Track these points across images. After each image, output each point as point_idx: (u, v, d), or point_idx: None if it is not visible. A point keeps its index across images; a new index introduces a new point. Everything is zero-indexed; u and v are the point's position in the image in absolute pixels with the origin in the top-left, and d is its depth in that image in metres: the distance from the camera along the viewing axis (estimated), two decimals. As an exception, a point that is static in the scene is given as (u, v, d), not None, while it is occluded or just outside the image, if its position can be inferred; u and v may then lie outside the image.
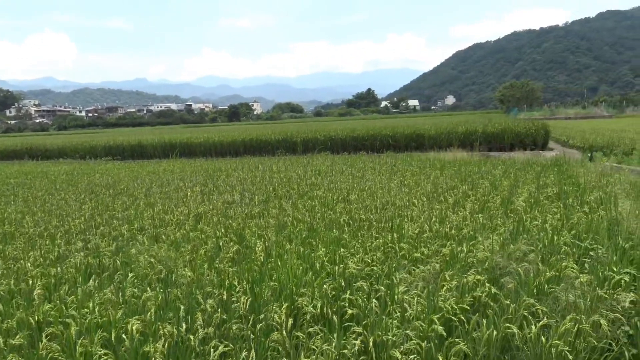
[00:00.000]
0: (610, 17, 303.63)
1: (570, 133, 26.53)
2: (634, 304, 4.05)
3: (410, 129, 24.89)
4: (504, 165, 13.41)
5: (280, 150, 26.00)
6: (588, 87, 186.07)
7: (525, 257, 4.94)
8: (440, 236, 6.04)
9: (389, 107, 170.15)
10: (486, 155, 19.50)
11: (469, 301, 3.99)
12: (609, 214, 6.37)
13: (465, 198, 8.62)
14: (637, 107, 74.29)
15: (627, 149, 17.99)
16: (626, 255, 4.92)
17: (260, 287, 4.53)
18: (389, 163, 16.58)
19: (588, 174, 10.45)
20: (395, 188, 10.51)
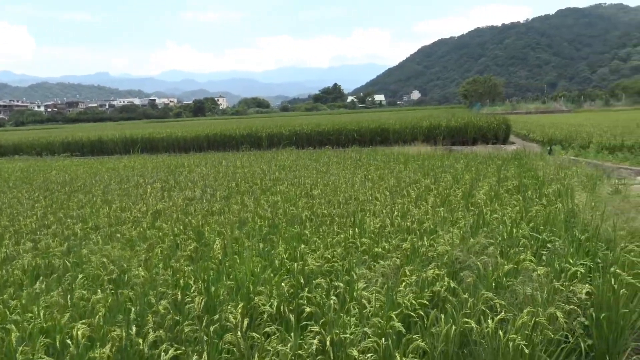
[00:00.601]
0: (569, 14, 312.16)
1: (530, 127, 27.11)
2: (589, 295, 4.09)
3: (375, 124, 24.99)
4: (466, 159, 13.56)
5: (245, 145, 25.72)
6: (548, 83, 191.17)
7: (484, 251, 4.94)
8: (402, 230, 6.01)
9: (355, 102, 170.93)
10: (449, 149, 19.73)
11: (428, 296, 3.95)
12: (566, 207, 6.46)
13: (427, 192, 8.64)
14: (594, 102, 76.71)
15: (584, 143, 18.48)
16: (582, 247, 4.98)
17: (216, 286, 4.38)
18: (353, 157, 16.56)
19: (547, 167, 10.65)
20: (359, 182, 10.47)
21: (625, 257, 4.60)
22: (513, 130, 26.19)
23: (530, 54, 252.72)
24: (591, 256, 4.85)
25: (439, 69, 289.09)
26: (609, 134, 19.77)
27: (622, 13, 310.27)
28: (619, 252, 4.73)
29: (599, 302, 3.96)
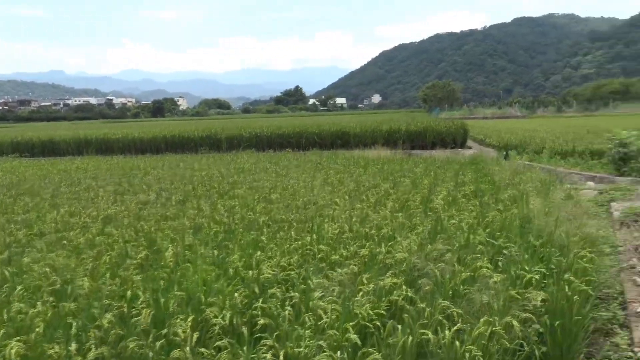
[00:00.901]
0: (524, 23, 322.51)
1: (487, 132, 27.74)
2: (544, 301, 4.10)
3: (336, 127, 25.04)
4: (425, 164, 13.68)
5: (204, 147, 25.26)
6: (504, 89, 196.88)
7: (442, 257, 4.92)
8: (360, 236, 5.94)
9: (317, 104, 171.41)
10: (409, 153, 19.93)
11: (385, 306, 3.87)
12: (521, 212, 6.54)
13: (386, 196, 8.63)
14: (547, 108, 79.46)
15: (537, 148, 18.98)
16: (537, 253, 5.02)
17: (166, 297, 4.18)
18: (314, 161, 16.49)
19: (502, 172, 10.84)
20: (319, 186, 10.39)
21: (578, 263, 4.66)
22: (470, 135, 26.72)
23: (488, 60, 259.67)
24: (545, 262, 4.90)
25: (399, 73, 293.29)
26: (561, 140, 20.39)
27: (574, 23, 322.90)
28: (572, 258, 4.79)
29: (553, 309, 3.97)
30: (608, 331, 4.79)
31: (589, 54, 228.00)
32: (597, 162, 15.48)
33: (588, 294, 4.30)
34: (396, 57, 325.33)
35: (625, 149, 13.16)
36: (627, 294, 5.72)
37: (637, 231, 8.35)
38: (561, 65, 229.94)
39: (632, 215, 9.17)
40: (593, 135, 21.62)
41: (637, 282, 6.08)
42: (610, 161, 13.83)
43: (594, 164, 15.59)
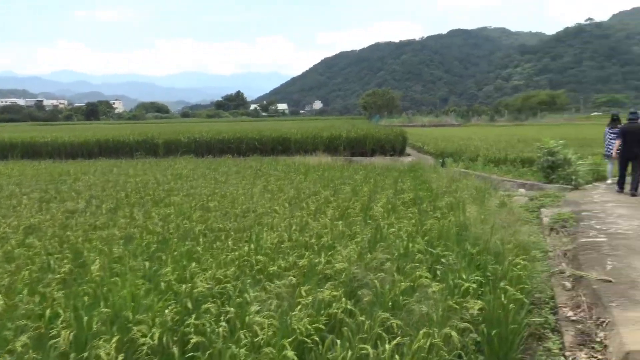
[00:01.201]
0: (459, 35, 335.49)
1: (425, 140, 28.45)
2: (481, 310, 4.12)
3: (277, 133, 24.86)
4: (365, 171, 13.76)
5: (140, 152, 24.37)
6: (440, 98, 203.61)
7: (382, 267, 4.87)
8: (300, 246, 5.80)
9: (258, 110, 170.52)
10: (349, 160, 20.05)
11: (324, 319, 3.75)
12: (458, 220, 6.63)
13: (326, 204, 8.55)
14: (480, 117, 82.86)
15: (472, 156, 19.60)
16: (473, 261, 5.07)
17: (90, 315, 3.87)
18: (254, 167, 16.25)
19: (440, 180, 11.05)
20: (258, 194, 10.19)
21: (513, 271, 4.74)
22: (409, 142, 27.26)
23: (425, 70, 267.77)
24: (482, 270, 4.95)
25: (340, 81, 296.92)
26: (494, 148, 21.16)
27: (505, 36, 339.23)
28: (507, 265, 4.86)
29: (490, 317, 4.00)
30: (541, 336, 4.90)
31: (518, 66, 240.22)
32: (528, 170, 16.13)
33: (523, 302, 4.37)
34: (337, 65, 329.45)
35: (553, 157, 13.77)
36: (557, 298, 5.90)
37: (565, 236, 8.71)
38: (493, 77, 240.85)
39: (560, 221, 9.57)
40: (523, 144, 22.60)
41: (566, 287, 6.30)
42: (540, 169, 14.43)
43: (524, 171, 16.24)
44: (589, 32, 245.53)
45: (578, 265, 6.89)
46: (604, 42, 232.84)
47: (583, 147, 20.39)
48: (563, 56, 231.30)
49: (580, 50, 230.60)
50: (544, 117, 78.61)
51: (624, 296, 5.49)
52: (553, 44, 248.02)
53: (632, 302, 5.30)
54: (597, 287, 5.85)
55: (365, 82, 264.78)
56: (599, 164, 15.38)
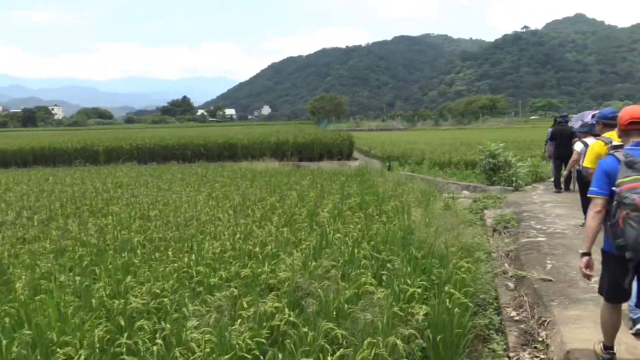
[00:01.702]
0: (403, 41, 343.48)
1: (372, 144, 28.74)
2: (426, 315, 4.07)
3: (223, 138, 24.45)
4: (312, 176, 13.67)
5: (79, 160, 23.34)
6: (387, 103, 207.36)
7: (327, 274, 4.76)
8: (243, 255, 5.61)
9: (205, 115, 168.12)
10: (297, 165, 19.95)
11: (266, 332, 3.59)
12: (403, 224, 6.62)
13: (272, 210, 8.38)
14: (425, 121, 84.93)
15: (418, 159, 19.92)
16: (419, 265, 5.04)
17: (10, 338, 3.54)
18: (199, 173, 15.87)
19: (386, 184, 11.09)
20: (203, 201, 9.89)
21: (457, 274, 4.74)
22: (356, 146, 27.46)
23: (371, 75, 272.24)
24: (427, 274, 4.92)
25: (288, 86, 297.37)
26: (439, 151, 21.60)
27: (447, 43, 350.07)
28: (452, 269, 4.86)
29: (435, 322, 3.95)
30: (486, 337, 4.92)
31: (461, 72, 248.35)
32: (471, 172, 16.52)
33: (467, 305, 4.37)
34: (285, 70, 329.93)
35: (494, 159, 14.14)
36: (501, 299, 5.99)
37: (507, 237, 8.92)
38: (437, 82, 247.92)
39: (502, 222, 9.81)
40: (466, 147, 23.18)
41: (509, 287, 6.41)
42: (482, 171, 14.79)
43: (468, 173, 16.62)
44: (525, 39, 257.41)
45: (520, 265, 7.05)
46: (539, 49, 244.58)
47: (522, 150, 21.15)
48: (502, 62, 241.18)
49: (517, 57, 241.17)
50: (486, 121, 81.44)
51: (563, 295, 5.63)
52: (492, 51, 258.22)
53: (571, 301, 5.43)
54: (538, 286, 5.98)
55: (313, 87, 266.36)
56: (538, 166, 15.95)
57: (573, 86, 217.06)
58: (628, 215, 3.36)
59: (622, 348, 4.17)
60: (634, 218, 3.34)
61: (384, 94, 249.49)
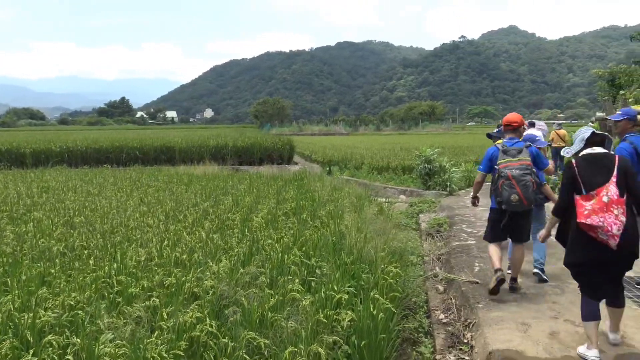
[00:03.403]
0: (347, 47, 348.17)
1: (313, 148, 28.76)
2: (352, 321, 4.05)
3: (160, 141, 23.77)
4: (250, 180, 13.50)
5: (3, 163, 22.01)
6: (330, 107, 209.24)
7: (255, 281, 4.66)
8: (170, 263, 5.41)
9: (145, 117, 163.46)
10: (237, 169, 19.68)
11: (184, 344, 3.44)
12: (335, 229, 6.61)
13: (205, 216, 8.18)
14: (367, 126, 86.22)
15: (358, 164, 20.10)
16: (348, 270, 5.02)
17: None
18: (133, 178, 15.30)
19: (323, 189, 11.09)
20: (133, 207, 9.52)
21: (384, 279, 4.75)
22: (298, 151, 27.44)
23: (315, 80, 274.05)
24: (356, 279, 4.92)
25: (231, 89, 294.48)
26: (378, 156, 21.89)
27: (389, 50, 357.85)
28: (379, 274, 4.88)
29: (360, 328, 3.93)
30: (415, 340, 4.96)
31: (402, 79, 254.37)
32: (409, 177, 16.84)
33: (394, 309, 4.38)
34: (228, 73, 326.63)
35: (429, 165, 14.48)
36: (431, 302, 6.08)
37: (439, 241, 9.11)
38: (379, 88, 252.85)
39: (435, 226, 10.02)
40: (405, 152, 23.62)
41: (439, 290, 6.52)
42: (418, 176, 15.11)
43: (405, 178, 16.92)
44: (463, 48, 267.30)
45: (450, 268, 7.19)
46: (475, 59, 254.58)
47: (458, 155, 21.80)
48: (441, 70, 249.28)
49: (455, 65, 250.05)
50: (425, 126, 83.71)
51: (488, 296, 5.77)
52: (432, 59, 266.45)
53: (496, 302, 5.58)
54: (465, 289, 6.11)
55: (256, 90, 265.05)
56: (471, 171, 16.46)
57: (507, 94, 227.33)
58: (504, 183, 5.37)
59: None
60: (506, 184, 5.35)
61: (328, 99, 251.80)
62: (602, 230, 3.97)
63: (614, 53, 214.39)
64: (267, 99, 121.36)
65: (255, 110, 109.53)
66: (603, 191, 4.05)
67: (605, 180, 4.11)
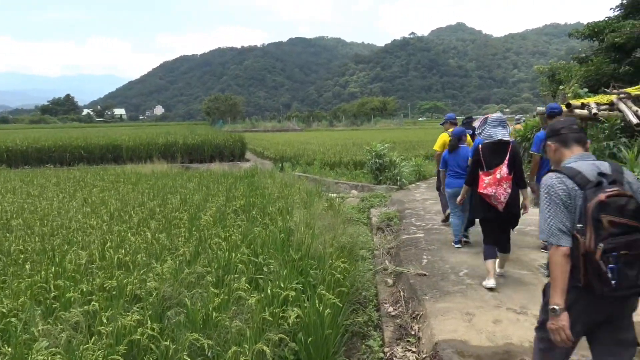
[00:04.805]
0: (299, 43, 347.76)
1: (266, 145, 28.55)
2: (299, 318, 4.03)
3: (107, 140, 23.02)
4: (200, 178, 13.26)
5: None
6: (283, 103, 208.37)
7: (200, 281, 4.57)
8: (112, 265, 5.23)
9: (92, 115, 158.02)
10: (187, 167, 19.31)
11: (123, 349, 3.33)
12: (284, 225, 6.57)
13: (152, 215, 7.96)
14: (321, 122, 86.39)
15: (310, 160, 20.10)
16: (296, 267, 5.00)
17: None
18: (77, 177, 14.75)
19: (274, 185, 11.02)
20: (76, 208, 9.16)
21: (332, 274, 4.76)
22: (250, 147, 27.18)
23: (267, 76, 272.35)
24: (304, 276, 4.90)
25: (182, 85, 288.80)
26: (331, 152, 21.97)
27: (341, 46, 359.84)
28: (327, 269, 4.88)
29: (307, 324, 3.92)
30: (365, 334, 4.99)
31: (354, 75, 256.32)
32: (360, 172, 16.97)
33: (342, 303, 4.39)
34: (178, 69, 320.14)
35: (380, 159, 14.64)
36: (380, 295, 6.14)
37: (389, 234, 9.23)
38: (332, 84, 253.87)
39: (386, 220, 10.14)
40: (357, 147, 23.79)
41: (388, 283, 6.59)
42: (370, 171, 15.26)
43: (357, 173, 17.05)
44: (413, 45, 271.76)
45: (399, 261, 7.29)
46: (425, 55, 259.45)
47: (408, 150, 22.17)
48: (392, 66, 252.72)
49: (406, 61, 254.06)
50: (377, 122, 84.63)
51: (435, 288, 5.89)
52: (383, 55, 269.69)
53: (442, 293, 5.70)
54: (413, 281, 6.21)
55: (208, 87, 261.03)
56: (421, 165, 16.76)
57: (456, 90, 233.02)
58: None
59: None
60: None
61: (281, 95, 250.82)
62: (494, 198, 5.55)
63: (555, 50, 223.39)
64: (219, 95, 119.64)
65: (206, 107, 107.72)
66: (498, 170, 5.58)
67: (500, 162, 5.63)
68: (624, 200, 2.51)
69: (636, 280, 2.46)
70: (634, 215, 2.49)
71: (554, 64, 24.04)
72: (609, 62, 18.99)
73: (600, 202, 2.51)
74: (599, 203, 2.51)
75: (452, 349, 4.35)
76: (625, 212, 2.49)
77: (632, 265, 2.46)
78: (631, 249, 2.45)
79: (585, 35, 20.84)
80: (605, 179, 2.62)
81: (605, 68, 18.57)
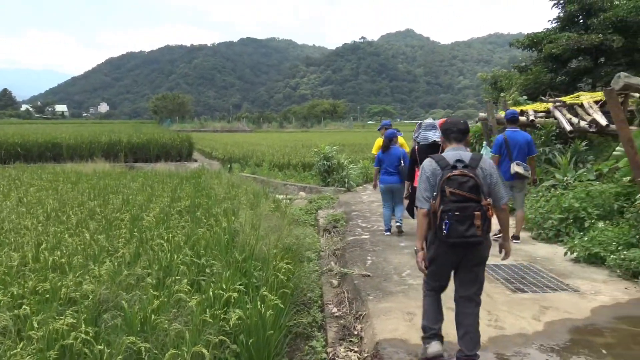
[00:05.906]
0: (250, 43, 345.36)
1: (214, 145, 28.17)
2: (240, 319, 4.00)
3: (46, 137, 22.06)
4: (144, 178, 12.93)
5: None
6: (233, 104, 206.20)
7: (140, 283, 4.45)
8: (47, 267, 5.02)
9: (31, 111, 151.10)
10: (131, 166, 18.79)
11: (56, 354, 3.20)
12: (229, 226, 6.51)
13: (91, 216, 7.70)
14: (271, 124, 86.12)
15: (259, 161, 20.02)
16: (239, 269, 4.96)
17: None
18: (12, 176, 14.07)
19: (221, 186, 10.89)
20: (10, 207, 8.72)
21: (275, 275, 4.75)
22: (198, 148, 26.74)
23: (217, 76, 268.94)
24: (248, 277, 4.87)
25: (129, 82, 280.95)
26: (280, 153, 21.95)
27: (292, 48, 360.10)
28: (271, 271, 4.87)
29: (249, 326, 3.90)
30: (308, 335, 5.01)
31: (305, 77, 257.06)
32: (309, 174, 17.05)
33: (285, 305, 4.39)
34: (125, 65, 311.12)
35: (328, 162, 14.76)
36: (325, 296, 6.18)
37: (335, 236, 9.30)
38: (282, 85, 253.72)
39: (333, 222, 10.22)
40: (307, 149, 23.87)
41: (333, 284, 6.64)
42: (318, 173, 15.34)
43: (306, 175, 17.12)
44: (363, 49, 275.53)
45: (344, 262, 7.37)
46: (375, 59, 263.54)
47: (356, 152, 22.44)
48: (342, 69, 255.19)
49: (356, 65, 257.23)
50: (327, 124, 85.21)
51: (378, 288, 5.99)
52: (334, 58, 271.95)
53: (384, 294, 5.80)
54: (357, 282, 6.29)
55: (156, 85, 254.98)
56: (368, 167, 17.01)
57: (405, 94, 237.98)
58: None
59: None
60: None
61: (231, 95, 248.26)
62: None
63: (498, 58, 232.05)
64: (167, 94, 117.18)
65: (154, 105, 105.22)
66: None
67: None
68: (465, 179, 3.50)
69: (464, 232, 3.48)
70: (470, 190, 3.48)
71: (497, 72, 25.01)
72: (547, 71, 19.95)
73: (447, 178, 3.53)
74: (446, 179, 3.53)
75: (393, 347, 4.43)
76: (463, 186, 3.49)
77: (462, 223, 3.46)
78: (462, 211, 3.46)
79: (525, 45, 21.79)
80: (460, 164, 3.58)
81: (543, 77, 19.50)
